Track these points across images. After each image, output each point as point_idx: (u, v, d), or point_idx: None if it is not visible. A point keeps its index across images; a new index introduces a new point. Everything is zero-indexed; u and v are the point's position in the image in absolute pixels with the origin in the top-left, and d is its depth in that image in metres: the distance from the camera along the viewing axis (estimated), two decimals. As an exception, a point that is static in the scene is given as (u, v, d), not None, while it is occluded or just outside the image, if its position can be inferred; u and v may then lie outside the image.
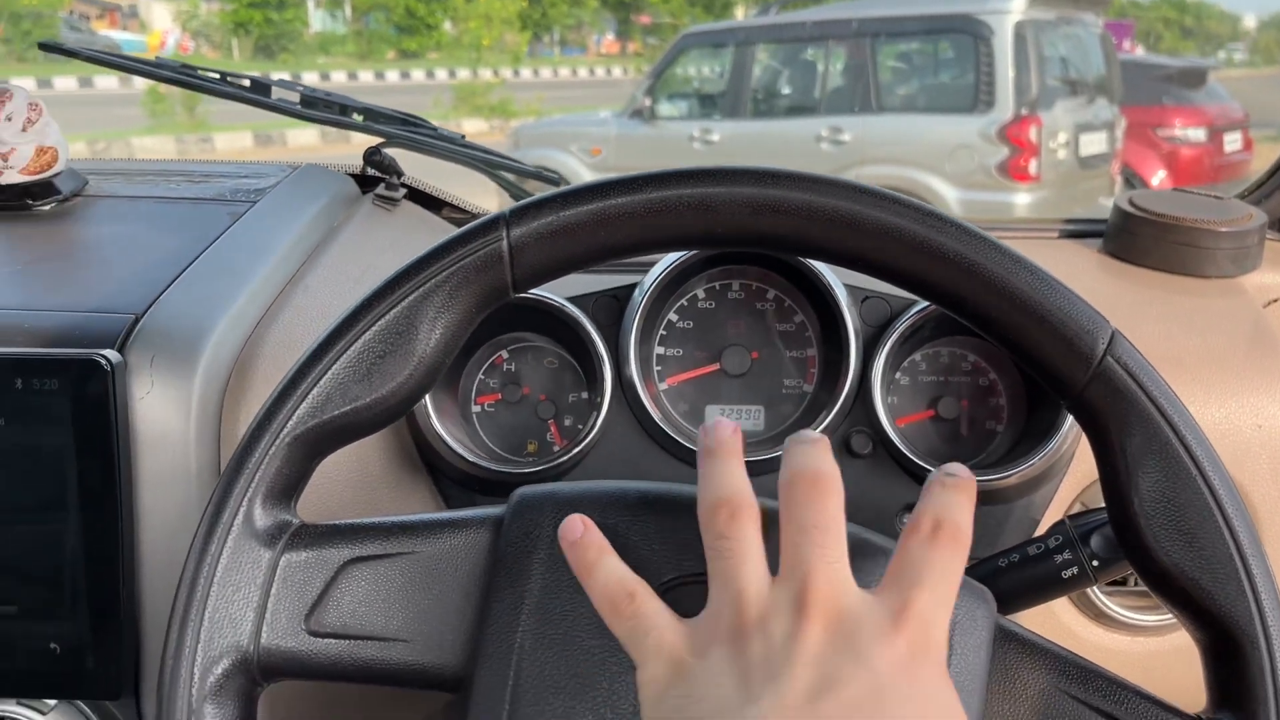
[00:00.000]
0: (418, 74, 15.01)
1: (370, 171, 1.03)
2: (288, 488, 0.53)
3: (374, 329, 0.52)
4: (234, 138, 9.07)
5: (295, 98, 1.02)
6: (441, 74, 14.53)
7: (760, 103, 5.53)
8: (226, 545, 0.51)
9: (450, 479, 0.82)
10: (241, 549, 0.52)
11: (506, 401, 0.87)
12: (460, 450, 0.79)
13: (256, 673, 0.52)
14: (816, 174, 0.51)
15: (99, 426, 0.64)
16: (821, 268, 0.82)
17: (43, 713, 0.70)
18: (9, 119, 0.84)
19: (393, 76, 14.96)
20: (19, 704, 0.70)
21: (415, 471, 0.82)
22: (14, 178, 0.85)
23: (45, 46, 0.98)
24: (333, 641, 0.52)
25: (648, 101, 5.60)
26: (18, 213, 0.86)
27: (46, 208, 0.86)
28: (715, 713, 0.41)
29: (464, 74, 13.40)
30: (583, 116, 7.22)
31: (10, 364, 0.64)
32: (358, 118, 1.01)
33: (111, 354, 0.64)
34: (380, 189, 1.01)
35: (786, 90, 5.57)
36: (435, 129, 1.04)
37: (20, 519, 0.65)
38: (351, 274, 0.85)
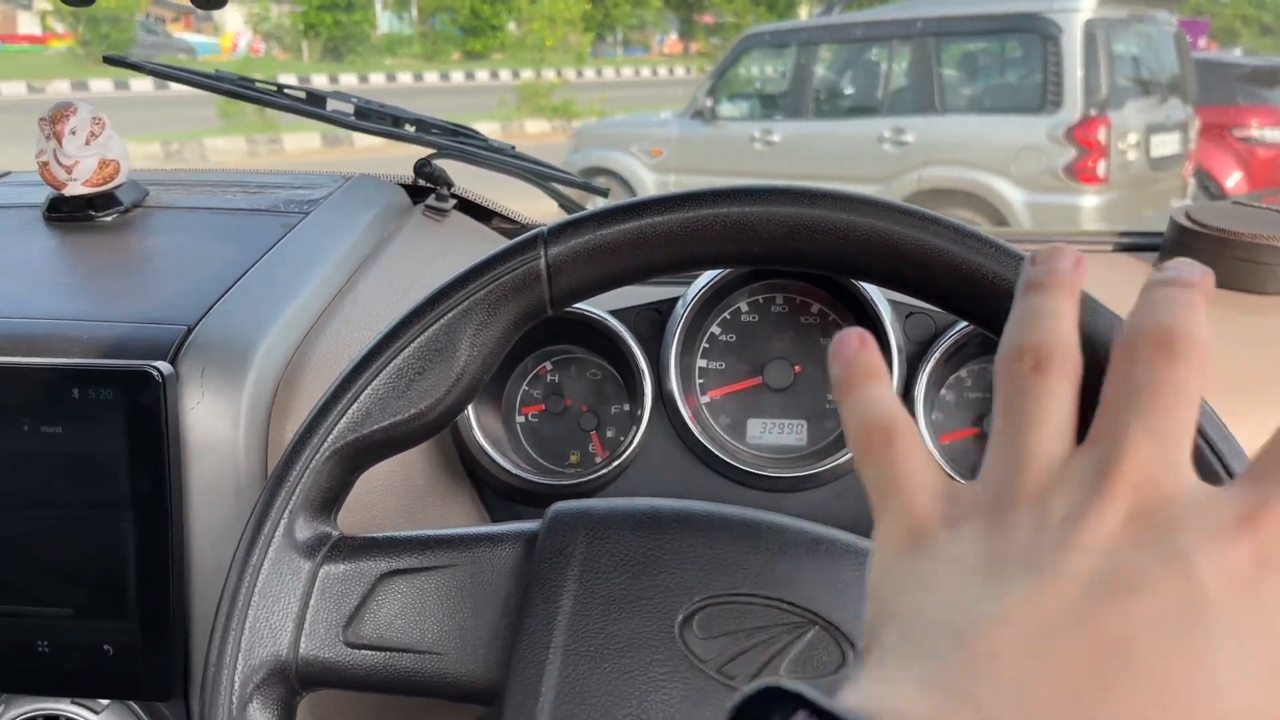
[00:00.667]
0: (482, 75, 15.15)
1: (421, 182, 1.04)
2: (328, 500, 0.54)
3: (413, 345, 0.53)
4: (303, 138, 9.22)
5: (350, 109, 1.04)
6: (505, 75, 14.65)
7: (822, 103, 5.47)
8: (267, 557, 0.52)
9: (492, 490, 0.83)
10: (282, 560, 0.53)
11: (550, 412, 0.88)
12: (502, 462, 0.80)
13: (295, 682, 0.53)
14: (855, 193, 0.51)
15: (150, 436, 0.66)
16: (865, 283, 0.81)
17: (96, 712, 0.72)
18: (73, 133, 0.86)
19: (458, 77, 15.12)
20: (73, 703, 0.72)
21: (459, 482, 0.83)
22: (78, 189, 0.88)
23: (110, 60, 1.01)
24: (369, 653, 0.53)
25: (709, 102, 5.55)
26: (81, 223, 0.88)
27: (108, 219, 0.89)
28: (944, 605, 0.29)
29: (528, 74, 13.48)
30: (644, 117, 7.21)
31: (68, 373, 0.66)
32: (410, 129, 1.03)
33: (163, 365, 0.66)
34: (430, 199, 1.02)
35: (849, 90, 5.50)
36: (486, 140, 1.06)
37: (76, 524, 0.67)
38: (400, 285, 0.86)
